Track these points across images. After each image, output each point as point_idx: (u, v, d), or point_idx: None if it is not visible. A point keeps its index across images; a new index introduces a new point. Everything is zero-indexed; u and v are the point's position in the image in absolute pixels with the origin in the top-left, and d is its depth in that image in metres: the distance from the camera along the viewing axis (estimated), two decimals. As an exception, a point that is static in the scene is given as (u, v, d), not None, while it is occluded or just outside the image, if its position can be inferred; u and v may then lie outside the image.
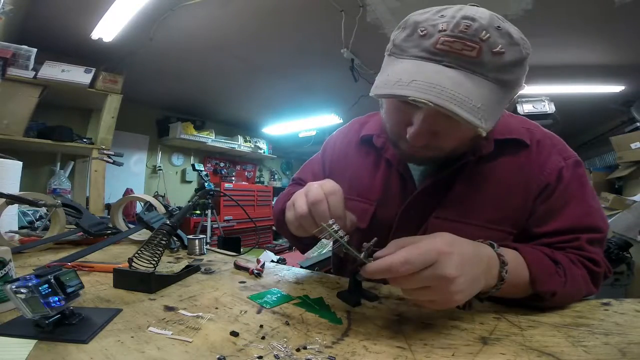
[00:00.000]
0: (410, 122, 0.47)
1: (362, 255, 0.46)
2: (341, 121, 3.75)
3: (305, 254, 2.56)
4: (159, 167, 3.86)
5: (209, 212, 3.31)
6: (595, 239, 0.52)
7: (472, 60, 0.40)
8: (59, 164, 2.63)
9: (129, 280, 0.55)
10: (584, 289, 0.49)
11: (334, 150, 0.75)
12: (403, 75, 0.41)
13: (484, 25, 0.39)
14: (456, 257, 0.36)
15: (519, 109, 2.89)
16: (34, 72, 2.03)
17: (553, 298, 0.45)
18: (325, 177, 0.72)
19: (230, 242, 1.14)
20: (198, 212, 3.47)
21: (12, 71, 1.95)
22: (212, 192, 3.26)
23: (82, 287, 0.43)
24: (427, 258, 0.35)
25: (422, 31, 0.42)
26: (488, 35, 0.39)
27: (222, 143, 4.24)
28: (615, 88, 2.86)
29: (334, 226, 0.43)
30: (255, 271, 0.66)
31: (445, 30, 0.40)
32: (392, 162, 0.63)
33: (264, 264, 0.71)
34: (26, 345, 0.35)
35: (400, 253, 0.36)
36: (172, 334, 0.38)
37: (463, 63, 0.40)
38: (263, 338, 0.38)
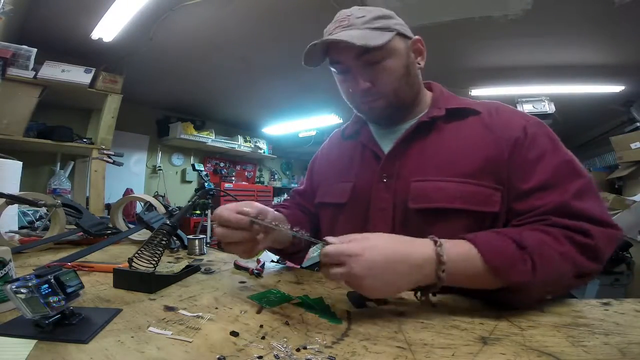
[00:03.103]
0: (351, 82, 0.63)
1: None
2: (341, 121, 3.75)
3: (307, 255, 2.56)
4: (159, 167, 3.86)
5: (209, 212, 3.31)
6: (582, 186, 0.52)
7: (349, 24, 0.61)
8: (59, 164, 2.62)
9: (129, 280, 0.56)
10: (571, 269, 0.46)
11: (319, 157, 0.87)
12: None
13: (350, 11, 0.63)
14: (364, 260, 0.42)
15: (519, 108, 2.90)
16: (34, 72, 2.03)
17: (529, 288, 0.44)
18: (311, 181, 0.85)
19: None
20: (198, 212, 3.47)
21: (12, 71, 1.94)
22: (212, 192, 3.26)
23: (82, 287, 0.43)
24: (340, 256, 0.43)
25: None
26: (351, 13, 0.62)
27: (222, 143, 4.23)
28: (615, 88, 2.86)
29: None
30: (255, 271, 0.66)
31: (334, 21, 0.64)
32: (365, 144, 0.71)
33: (264, 264, 0.71)
34: (26, 345, 0.35)
35: (328, 247, 0.44)
36: (172, 334, 0.38)
37: (346, 26, 0.61)
38: (263, 338, 0.38)
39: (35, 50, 1.99)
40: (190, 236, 0.88)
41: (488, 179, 0.56)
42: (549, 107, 2.77)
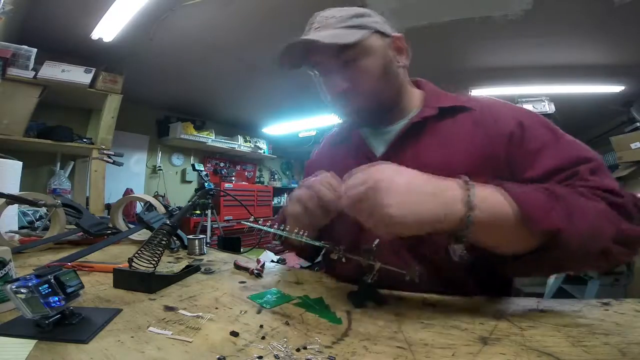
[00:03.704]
0: (330, 84, 0.62)
1: (365, 259, 0.46)
2: (341, 121, 3.74)
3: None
4: (159, 167, 3.86)
5: (209, 212, 3.31)
6: (595, 167, 0.48)
7: (323, 25, 0.59)
8: (59, 164, 2.62)
9: (129, 280, 0.55)
10: (608, 226, 0.41)
11: (314, 158, 0.87)
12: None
13: (326, 13, 0.61)
14: (385, 172, 0.42)
15: (519, 108, 2.90)
16: (34, 72, 2.03)
17: (562, 240, 0.39)
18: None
19: (230, 242, 1.14)
20: (198, 212, 3.47)
21: (12, 71, 1.94)
22: (212, 192, 3.26)
23: (82, 287, 0.43)
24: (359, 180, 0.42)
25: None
26: (326, 15, 0.60)
27: (222, 143, 4.24)
28: (615, 88, 2.86)
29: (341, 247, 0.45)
30: (255, 271, 0.66)
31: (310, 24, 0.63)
32: (355, 146, 0.70)
33: (264, 264, 0.71)
34: (26, 345, 0.35)
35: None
36: (172, 334, 0.38)
37: (319, 28, 0.60)
38: (263, 338, 0.38)
39: (35, 50, 1.99)
40: (190, 236, 0.88)
41: (486, 175, 0.52)
42: (549, 107, 2.77)
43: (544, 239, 0.40)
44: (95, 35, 2.10)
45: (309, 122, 4.02)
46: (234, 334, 0.39)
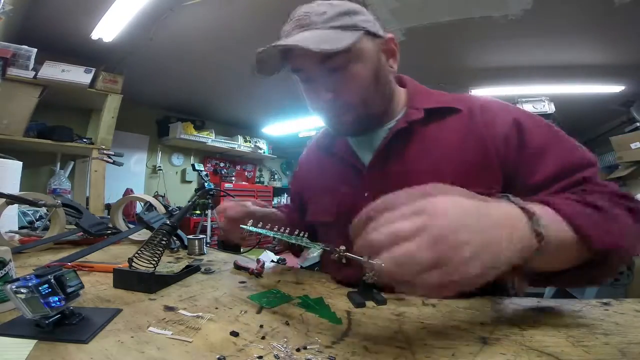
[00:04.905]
0: (315, 93, 0.57)
1: (365, 258, 0.46)
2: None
3: (306, 254, 2.56)
4: (159, 167, 3.86)
5: (209, 212, 3.31)
6: (597, 170, 0.49)
7: (308, 23, 0.53)
8: (59, 164, 2.62)
9: (129, 280, 0.55)
10: (638, 236, 0.41)
11: (301, 167, 0.85)
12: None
13: (310, 7, 0.55)
14: (441, 210, 0.29)
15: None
16: (34, 72, 2.03)
17: (612, 255, 0.38)
18: (298, 190, 0.81)
19: (230, 242, 1.14)
20: (198, 212, 3.47)
21: (12, 71, 1.95)
22: (212, 192, 3.26)
23: (82, 287, 0.43)
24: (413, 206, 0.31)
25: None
26: (311, 10, 0.54)
27: (222, 143, 4.24)
28: (615, 88, 2.86)
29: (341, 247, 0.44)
30: (255, 271, 0.66)
31: (292, 19, 0.56)
32: (342, 156, 0.66)
33: (264, 264, 0.71)
34: (26, 345, 0.35)
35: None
36: (172, 334, 0.38)
37: (304, 26, 0.53)
38: (263, 338, 0.38)
39: (35, 50, 1.99)
40: (190, 236, 0.88)
41: (478, 184, 0.50)
42: (549, 107, 2.77)
43: (591, 256, 0.38)
44: (95, 35, 2.11)
45: (309, 122, 4.01)
46: (234, 334, 0.39)
